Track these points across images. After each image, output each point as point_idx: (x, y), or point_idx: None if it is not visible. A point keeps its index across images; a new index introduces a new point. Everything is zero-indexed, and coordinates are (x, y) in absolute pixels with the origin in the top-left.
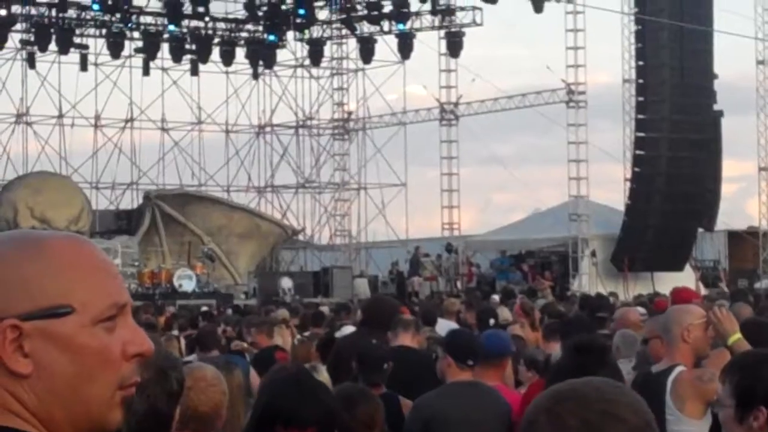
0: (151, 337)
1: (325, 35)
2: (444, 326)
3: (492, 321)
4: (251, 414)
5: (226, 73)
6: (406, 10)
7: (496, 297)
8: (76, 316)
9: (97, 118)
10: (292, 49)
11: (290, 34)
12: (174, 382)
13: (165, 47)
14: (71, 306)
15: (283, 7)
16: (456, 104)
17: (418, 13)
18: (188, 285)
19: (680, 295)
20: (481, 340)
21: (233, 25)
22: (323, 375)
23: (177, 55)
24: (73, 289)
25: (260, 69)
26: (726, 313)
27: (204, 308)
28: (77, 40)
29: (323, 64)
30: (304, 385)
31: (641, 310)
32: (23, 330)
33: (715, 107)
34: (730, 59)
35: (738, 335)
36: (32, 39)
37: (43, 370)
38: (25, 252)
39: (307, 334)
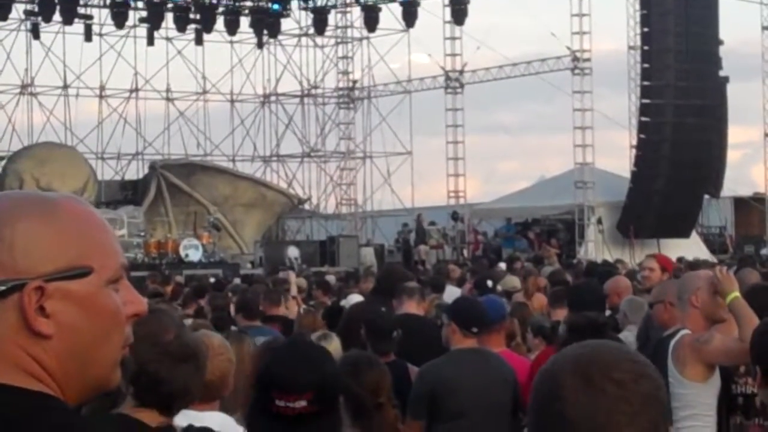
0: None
1: (330, 4)
2: (452, 293)
3: (490, 283)
4: (252, 382)
5: (231, 42)
6: None
7: (502, 265)
8: (95, 277)
9: (102, 88)
10: (297, 17)
11: (294, 3)
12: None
13: (169, 17)
14: (90, 267)
15: None
16: (461, 72)
17: None
18: (195, 255)
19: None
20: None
21: None
22: (334, 343)
23: (181, 25)
24: (90, 250)
25: (265, 38)
26: (726, 273)
27: (211, 279)
28: (81, 10)
29: (328, 33)
30: (298, 350)
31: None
32: (46, 291)
33: (721, 73)
34: (736, 25)
35: (735, 294)
36: (36, 9)
37: (65, 331)
38: (41, 213)
39: (312, 303)
